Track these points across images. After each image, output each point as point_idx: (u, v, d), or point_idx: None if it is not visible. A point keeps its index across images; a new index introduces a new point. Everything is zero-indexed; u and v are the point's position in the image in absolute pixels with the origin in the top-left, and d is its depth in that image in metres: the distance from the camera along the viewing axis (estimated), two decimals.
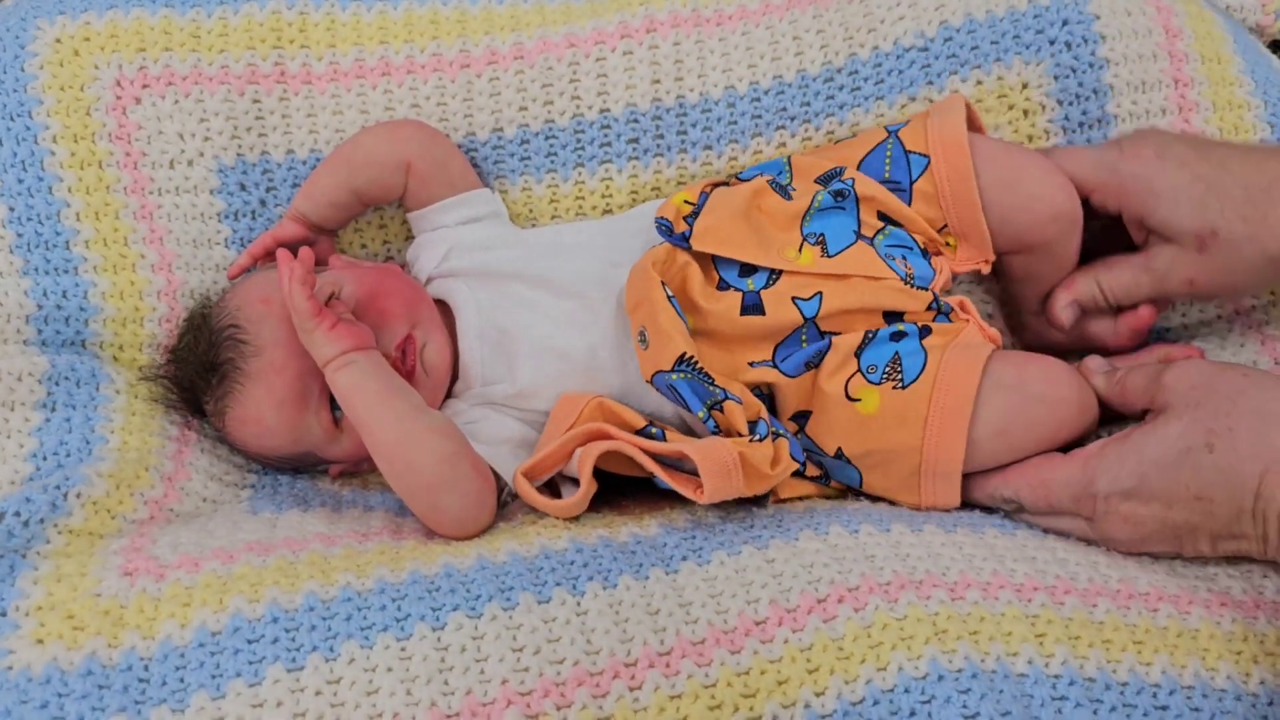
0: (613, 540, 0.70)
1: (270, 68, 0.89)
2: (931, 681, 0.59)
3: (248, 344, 0.79)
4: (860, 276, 0.78)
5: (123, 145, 0.85)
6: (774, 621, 0.62)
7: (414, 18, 0.92)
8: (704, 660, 0.60)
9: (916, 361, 0.75)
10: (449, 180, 0.88)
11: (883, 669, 0.60)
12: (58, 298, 0.83)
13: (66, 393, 0.77)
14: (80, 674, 0.58)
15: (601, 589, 0.64)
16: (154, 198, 0.86)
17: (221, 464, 0.82)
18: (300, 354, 0.77)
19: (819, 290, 0.78)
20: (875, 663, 0.60)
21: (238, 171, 0.88)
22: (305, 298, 0.73)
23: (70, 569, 0.64)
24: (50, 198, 0.83)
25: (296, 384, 0.79)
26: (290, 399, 0.79)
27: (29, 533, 0.66)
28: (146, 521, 0.72)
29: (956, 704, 0.58)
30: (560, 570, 0.65)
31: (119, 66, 0.86)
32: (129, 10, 0.87)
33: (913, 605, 0.62)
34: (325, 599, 0.62)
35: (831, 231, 0.80)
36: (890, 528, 0.70)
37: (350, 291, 0.80)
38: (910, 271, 0.79)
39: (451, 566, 0.66)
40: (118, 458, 0.73)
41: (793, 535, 0.69)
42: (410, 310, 0.82)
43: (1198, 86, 0.85)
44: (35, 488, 0.68)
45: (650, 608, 0.63)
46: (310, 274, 0.75)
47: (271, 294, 0.79)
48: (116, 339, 0.84)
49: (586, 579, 0.65)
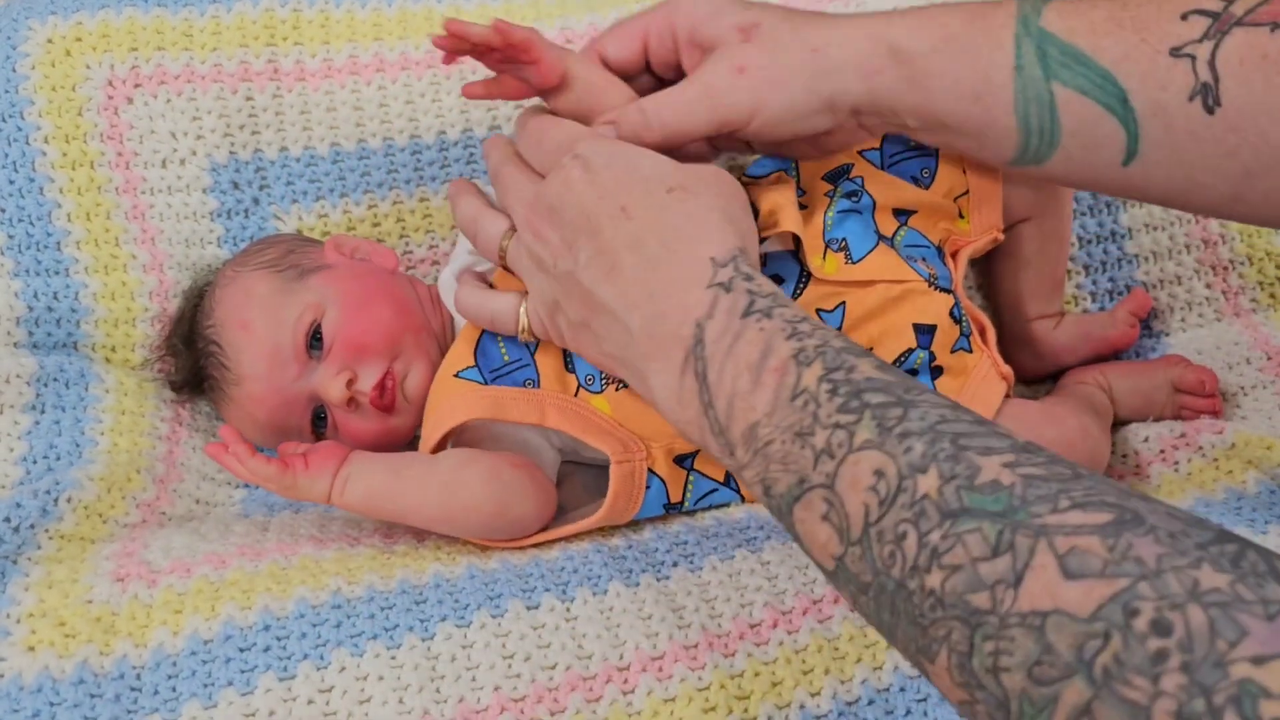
0: (604, 545, 0.69)
1: (264, 65, 0.88)
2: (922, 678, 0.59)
3: (229, 370, 0.79)
4: (884, 282, 0.75)
5: (114, 145, 0.85)
6: (768, 624, 0.62)
7: (408, 14, 0.91)
8: (697, 664, 0.60)
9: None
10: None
11: (878, 668, 0.60)
12: (49, 299, 0.82)
13: (55, 394, 0.77)
14: (72, 682, 0.58)
15: (591, 595, 0.64)
16: (146, 197, 0.86)
17: (213, 463, 0.81)
18: (277, 389, 0.77)
19: (842, 300, 0.74)
20: (870, 662, 0.61)
21: (230, 170, 0.88)
22: (265, 470, 0.68)
23: (62, 575, 0.64)
24: (41, 199, 0.83)
25: (277, 415, 0.78)
26: (271, 424, 0.79)
27: (19, 538, 0.65)
28: (138, 525, 0.71)
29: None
30: (550, 577, 0.65)
31: (111, 66, 0.86)
32: (121, 10, 0.87)
33: None
34: (315, 604, 0.62)
35: (854, 236, 0.76)
36: None
37: (333, 321, 0.77)
38: (933, 272, 0.77)
39: (440, 575, 0.65)
40: (108, 460, 0.73)
41: (788, 537, 0.69)
42: (391, 342, 0.78)
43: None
44: (25, 492, 0.68)
45: (642, 613, 0.63)
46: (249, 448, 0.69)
47: (250, 318, 0.78)
48: (109, 340, 0.84)
49: (576, 585, 0.64)
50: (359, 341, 0.77)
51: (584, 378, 0.74)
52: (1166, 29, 0.56)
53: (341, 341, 0.77)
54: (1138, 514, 0.37)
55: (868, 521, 0.43)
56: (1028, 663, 0.36)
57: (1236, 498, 0.73)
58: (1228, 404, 0.86)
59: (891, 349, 0.74)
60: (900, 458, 0.43)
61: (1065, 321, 0.89)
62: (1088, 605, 0.35)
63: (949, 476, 0.41)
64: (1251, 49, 0.54)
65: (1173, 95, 0.56)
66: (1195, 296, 0.93)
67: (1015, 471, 0.40)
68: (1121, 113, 0.58)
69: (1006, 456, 0.41)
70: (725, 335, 0.53)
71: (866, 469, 0.44)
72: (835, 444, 0.46)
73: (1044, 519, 0.38)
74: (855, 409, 0.46)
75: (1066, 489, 0.39)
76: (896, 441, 0.44)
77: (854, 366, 0.48)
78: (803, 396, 0.48)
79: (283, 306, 0.78)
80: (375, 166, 0.90)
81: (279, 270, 0.80)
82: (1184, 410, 0.85)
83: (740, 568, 0.66)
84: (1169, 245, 0.93)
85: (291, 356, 0.77)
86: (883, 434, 0.44)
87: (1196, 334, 0.92)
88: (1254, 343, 0.89)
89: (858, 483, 0.44)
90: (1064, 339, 0.88)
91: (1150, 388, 0.86)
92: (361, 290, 0.79)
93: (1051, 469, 0.40)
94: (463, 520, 0.70)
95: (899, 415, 0.45)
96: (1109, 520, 0.36)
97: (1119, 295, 0.93)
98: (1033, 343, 0.89)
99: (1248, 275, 0.93)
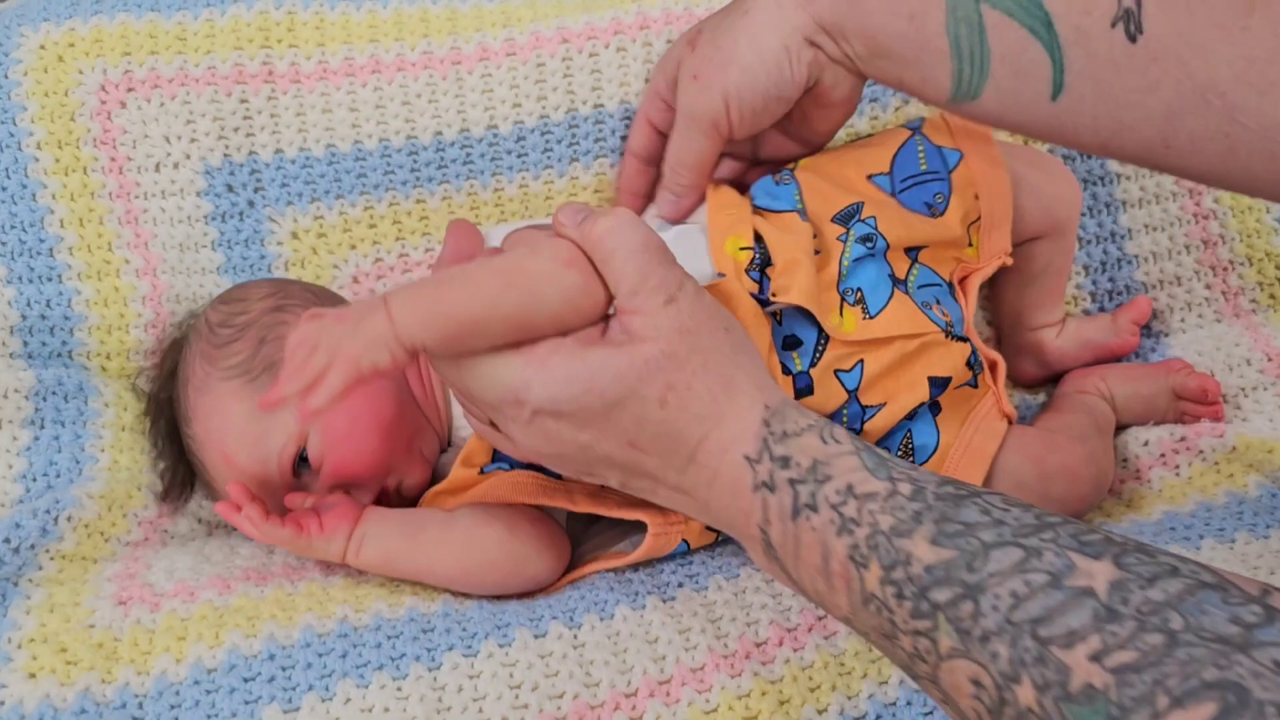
0: (609, 570, 0.69)
1: (258, 67, 0.87)
2: None
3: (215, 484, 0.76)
4: (902, 337, 0.73)
5: (108, 150, 0.83)
6: (774, 642, 0.62)
7: (404, 15, 0.90)
8: (704, 686, 0.60)
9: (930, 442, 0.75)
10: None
11: (884, 682, 0.60)
12: (41, 307, 0.81)
13: (54, 408, 0.76)
14: (74, 712, 0.57)
15: (599, 620, 0.64)
16: (139, 202, 0.84)
17: None
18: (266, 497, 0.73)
19: (860, 358, 0.72)
20: (877, 677, 0.61)
21: (225, 172, 0.86)
22: (281, 535, 0.67)
23: (63, 598, 0.63)
24: (34, 205, 0.81)
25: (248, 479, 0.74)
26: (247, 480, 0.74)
27: (20, 559, 0.64)
28: (141, 543, 0.71)
29: None
30: (557, 604, 0.65)
31: (104, 71, 0.84)
32: (114, 15, 0.85)
33: None
34: (322, 633, 0.62)
35: (869, 285, 0.73)
36: None
37: (318, 449, 0.73)
38: (948, 318, 0.75)
39: (449, 606, 0.65)
40: (108, 477, 0.72)
41: None
42: (382, 472, 0.75)
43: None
44: (25, 511, 0.67)
45: (649, 636, 0.63)
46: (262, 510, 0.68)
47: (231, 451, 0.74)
48: (103, 347, 0.83)
49: (583, 611, 0.64)
50: (347, 474, 0.74)
51: None
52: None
53: (329, 470, 0.73)
54: (1242, 692, 0.35)
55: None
56: None
57: (1238, 502, 0.74)
58: (1228, 406, 0.87)
59: (905, 404, 0.73)
60: (990, 666, 0.42)
61: (1066, 329, 0.89)
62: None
63: (1043, 686, 0.40)
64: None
65: (1095, 20, 0.55)
66: (1195, 297, 0.93)
67: (1105, 665, 0.38)
68: (1046, 37, 0.57)
69: (1091, 644, 0.39)
70: (787, 541, 0.52)
71: (963, 678, 0.43)
72: (924, 651, 0.45)
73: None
74: (927, 613, 0.45)
75: (1162, 677, 0.37)
76: (980, 647, 0.42)
77: (909, 557, 0.46)
78: (874, 603, 0.47)
79: (264, 437, 0.73)
80: (371, 168, 0.89)
81: (252, 379, 0.75)
82: (1185, 416, 0.85)
83: (745, 585, 0.66)
84: (1169, 246, 0.93)
85: (278, 482, 0.74)
86: (965, 640, 0.43)
87: (1196, 335, 0.92)
88: (1254, 344, 0.89)
89: (960, 690, 0.43)
90: (1065, 346, 0.88)
91: (1152, 393, 0.86)
92: (346, 411, 0.72)
93: (1142, 641, 0.38)
94: (478, 583, 0.70)
95: (971, 612, 0.43)
96: (1214, 715, 0.35)
97: (1118, 296, 0.93)
98: (1034, 351, 0.88)
99: (1247, 276, 0.93)
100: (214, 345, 0.77)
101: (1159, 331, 0.93)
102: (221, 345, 0.76)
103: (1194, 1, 0.53)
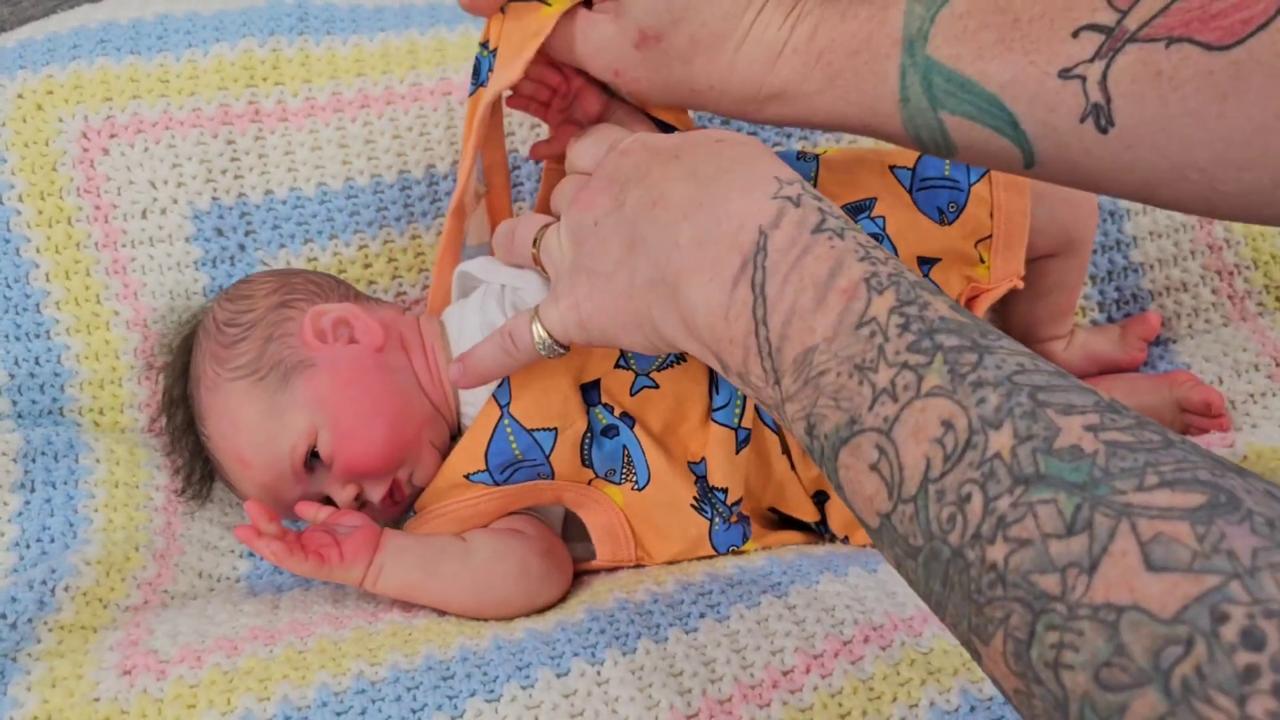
0: (629, 601, 0.67)
1: (244, 107, 0.85)
2: (964, 713, 0.58)
3: (208, 438, 0.77)
4: None
5: (91, 199, 0.81)
6: (801, 669, 0.61)
7: (391, 48, 0.89)
8: (732, 718, 0.58)
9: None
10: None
11: (914, 705, 0.59)
12: (30, 365, 0.79)
13: (44, 469, 0.73)
14: None
15: (621, 655, 0.62)
16: (126, 250, 0.82)
17: (214, 528, 0.78)
18: (280, 498, 0.75)
19: None
20: (907, 700, 0.59)
21: (214, 216, 0.84)
22: (303, 566, 0.68)
23: (65, 671, 0.60)
24: (18, 259, 0.79)
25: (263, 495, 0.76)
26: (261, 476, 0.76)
27: (18, 634, 0.62)
28: (141, 607, 0.68)
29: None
30: (577, 640, 0.63)
31: (85, 118, 0.82)
32: (93, 60, 0.83)
33: (938, 638, 0.61)
34: (338, 691, 0.59)
35: None
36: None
37: (328, 444, 0.74)
38: None
39: (467, 649, 0.63)
40: (104, 540, 0.70)
41: (813, 580, 0.67)
42: (391, 463, 0.75)
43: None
44: (20, 583, 0.64)
45: (673, 669, 0.61)
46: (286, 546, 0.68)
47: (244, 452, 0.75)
48: (95, 402, 0.81)
49: (605, 646, 0.62)
50: (358, 469, 0.75)
51: (603, 471, 0.74)
52: (1057, 49, 0.53)
53: (340, 466, 0.74)
54: (1234, 496, 0.32)
55: (927, 477, 0.39)
56: (1095, 663, 0.32)
57: None
58: (1236, 412, 0.86)
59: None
60: (972, 410, 0.39)
61: (1075, 341, 0.89)
62: (1170, 604, 0.31)
63: (1025, 436, 0.37)
64: (1145, 66, 0.51)
65: (1063, 117, 0.54)
66: (1201, 302, 0.93)
67: (1099, 437, 0.36)
68: (1013, 134, 0.56)
69: (1090, 417, 0.37)
70: (792, 247, 0.49)
71: (934, 418, 0.40)
72: (900, 385, 0.42)
73: (1128, 497, 0.33)
74: (927, 349, 0.42)
75: (1155, 461, 0.34)
76: (970, 391, 0.40)
77: (928, 303, 0.44)
78: (869, 326, 0.45)
79: (275, 436, 0.74)
80: (364, 205, 0.87)
81: (260, 379, 0.75)
82: (1190, 429, 0.84)
83: (768, 614, 0.65)
84: (1174, 252, 0.92)
85: (291, 480, 0.75)
86: (955, 381, 0.40)
87: (1204, 340, 0.92)
88: (1262, 348, 0.90)
89: (921, 432, 0.40)
90: (1073, 359, 0.88)
91: (1156, 406, 0.85)
92: (353, 406, 0.75)
93: (1139, 434, 0.36)
94: (493, 612, 0.71)
95: (973, 361, 0.41)
96: (1201, 503, 0.32)
97: (1125, 304, 0.93)
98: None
99: (1254, 279, 0.92)
100: (221, 345, 0.77)
101: (1167, 338, 0.93)
102: (229, 345, 0.76)
103: (1165, 91, 0.51)
